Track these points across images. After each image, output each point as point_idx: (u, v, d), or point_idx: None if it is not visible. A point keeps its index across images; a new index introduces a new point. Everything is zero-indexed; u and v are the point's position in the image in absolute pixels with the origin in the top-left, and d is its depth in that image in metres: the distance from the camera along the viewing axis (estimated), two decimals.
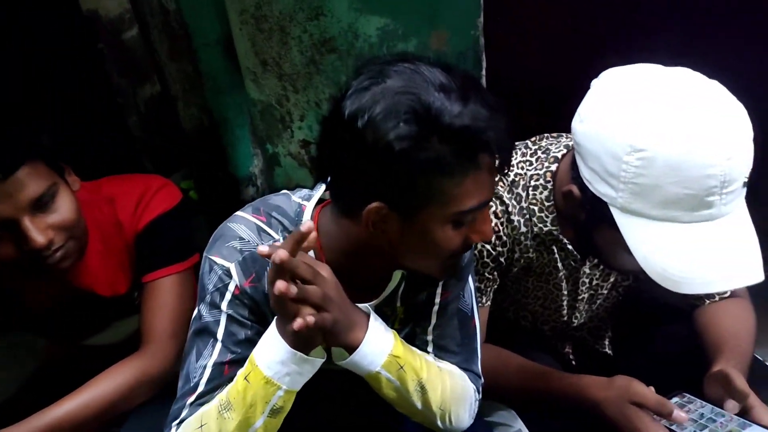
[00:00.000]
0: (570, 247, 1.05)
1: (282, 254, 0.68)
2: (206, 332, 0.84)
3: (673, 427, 0.87)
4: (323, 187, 0.89)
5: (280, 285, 0.68)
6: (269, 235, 0.86)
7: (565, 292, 1.12)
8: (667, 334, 1.16)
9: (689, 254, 0.77)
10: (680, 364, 0.97)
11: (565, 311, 1.15)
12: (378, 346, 0.81)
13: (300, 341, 0.75)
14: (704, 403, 0.91)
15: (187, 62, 1.36)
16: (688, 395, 0.94)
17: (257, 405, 0.77)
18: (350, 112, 0.70)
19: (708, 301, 1.09)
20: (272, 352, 0.76)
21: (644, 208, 0.79)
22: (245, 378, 0.78)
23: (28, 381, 1.34)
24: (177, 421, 0.83)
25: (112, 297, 1.14)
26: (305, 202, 0.89)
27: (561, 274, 1.10)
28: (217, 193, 1.48)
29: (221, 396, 0.80)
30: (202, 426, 0.80)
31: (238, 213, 0.89)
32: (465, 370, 0.95)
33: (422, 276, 0.88)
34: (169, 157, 1.50)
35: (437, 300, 0.95)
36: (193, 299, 0.93)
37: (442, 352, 0.95)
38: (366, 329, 0.80)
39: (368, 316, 0.82)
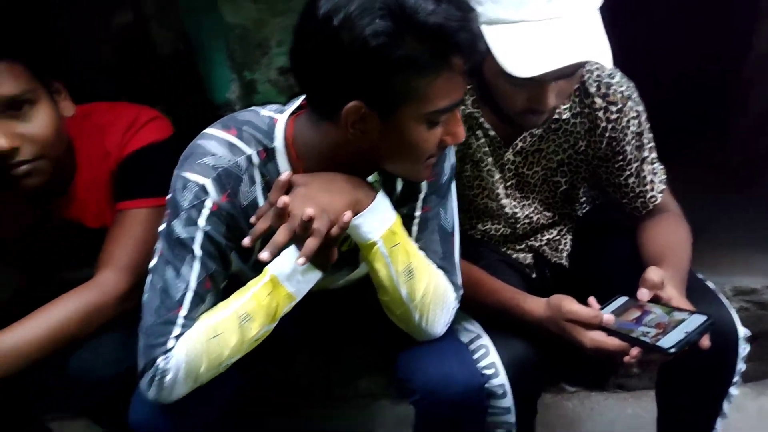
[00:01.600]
0: (492, 132, 1.13)
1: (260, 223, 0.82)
2: (182, 247, 0.85)
3: (615, 329, 0.94)
4: (297, 102, 0.90)
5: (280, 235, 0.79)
6: (241, 150, 0.87)
7: (497, 177, 1.19)
8: (614, 248, 1.25)
9: (536, 45, 0.89)
10: (626, 274, 1.04)
11: (503, 200, 1.22)
12: (380, 218, 0.87)
13: (324, 261, 0.85)
14: (638, 302, 0.98)
15: None
16: (626, 297, 1.01)
17: (276, 314, 0.86)
18: (325, 11, 0.72)
19: (644, 211, 1.20)
20: (296, 272, 0.84)
21: (501, 13, 0.91)
22: (269, 294, 0.85)
23: None
24: (173, 335, 0.83)
25: (100, 228, 1.11)
26: (277, 115, 0.90)
27: (489, 159, 1.17)
28: (194, 120, 1.46)
29: (237, 309, 0.85)
30: (217, 336, 0.84)
31: (207, 130, 0.89)
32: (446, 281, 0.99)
33: (395, 180, 0.93)
34: (146, 89, 1.45)
35: (417, 213, 0.98)
36: None
37: None
38: (372, 200, 0.86)
39: (377, 191, 0.88)
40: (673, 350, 0.86)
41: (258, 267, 0.86)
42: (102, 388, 1.00)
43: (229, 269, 0.92)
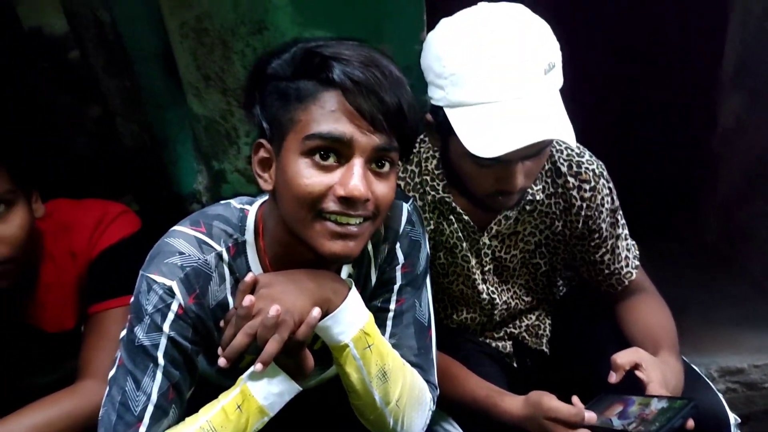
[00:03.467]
0: (466, 217, 1.12)
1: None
2: (144, 355, 0.79)
3: (597, 425, 0.90)
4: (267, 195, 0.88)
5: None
6: (210, 246, 0.84)
7: (473, 263, 1.16)
8: (596, 332, 1.22)
9: (498, 126, 0.89)
10: (609, 360, 1.00)
11: (480, 286, 1.18)
12: (351, 318, 0.82)
13: (298, 370, 0.81)
14: (623, 396, 0.95)
15: (126, 77, 1.32)
16: (612, 394, 0.98)
17: (246, 430, 0.80)
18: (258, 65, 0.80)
19: (619, 287, 1.19)
20: (269, 383, 0.80)
21: (463, 96, 0.91)
22: (238, 407, 0.79)
23: None
24: None
25: (58, 333, 1.07)
26: (247, 206, 0.88)
27: (464, 245, 1.15)
28: (161, 212, 1.44)
29: (203, 425, 0.79)
30: None
31: (175, 228, 0.86)
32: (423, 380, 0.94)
33: (371, 270, 0.91)
34: (115, 178, 1.45)
35: (392, 306, 0.94)
36: None
37: None
38: (343, 298, 0.81)
39: (349, 288, 0.83)
40: None
41: (226, 372, 0.81)
42: None
43: (196, 374, 0.86)
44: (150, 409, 0.79)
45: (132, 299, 0.82)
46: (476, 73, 0.89)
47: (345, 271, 0.91)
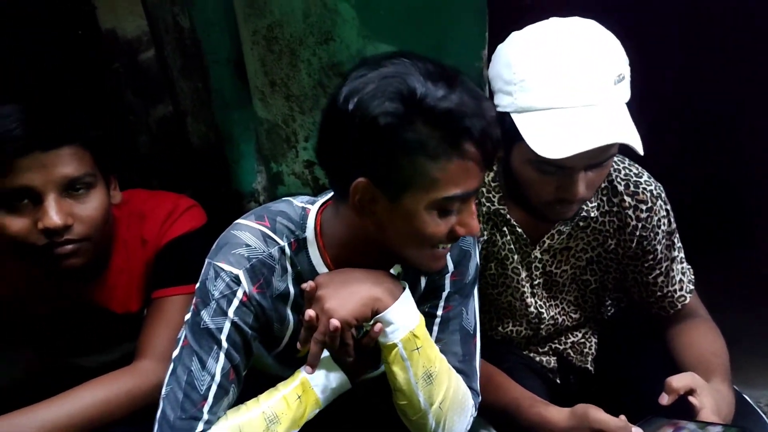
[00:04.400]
0: (520, 230, 1.12)
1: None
2: (209, 338, 0.84)
3: None
4: (328, 195, 0.92)
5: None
6: (274, 240, 0.88)
7: (523, 276, 1.16)
8: (643, 352, 1.20)
9: (565, 130, 0.90)
10: (656, 381, 0.98)
11: (529, 299, 1.18)
12: (402, 319, 0.84)
13: (355, 368, 0.88)
14: (672, 420, 0.93)
15: (198, 79, 1.40)
16: (662, 417, 0.95)
17: (302, 419, 0.86)
18: (344, 95, 0.75)
19: (672, 311, 1.17)
20: (327, 377, 0.87)
21: (532, 101, 0.92)
22: (298, 397, 0.86)
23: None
24: (197, 431, 0.82)
25: (123, 314, 1.12)
26: (309, 206, 0.92)
27: (515, 257, 1.15)
28: (221, 208, 1.50)
29: (265, 410, 0.85)
30: None
31: (241, 221, 0.90)
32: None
33: (417, 270, 0.92)
34: (175, 176, 1.52)
35: (439, 312, 0.96)
36: None
37: None
38: (395, 298, 0.84)
39: (403, 288, 0.86)
40: None
41: (279, 359, 0.87)
42: None
43: (251, 359, 0.91)
44: (214, 388, 0.83)
45: (198, 285, 0.87)
46: (547, 78, 0.90)
47: (392, 271, 0.93)
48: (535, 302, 1.20)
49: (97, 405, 0.96)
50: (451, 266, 0.96)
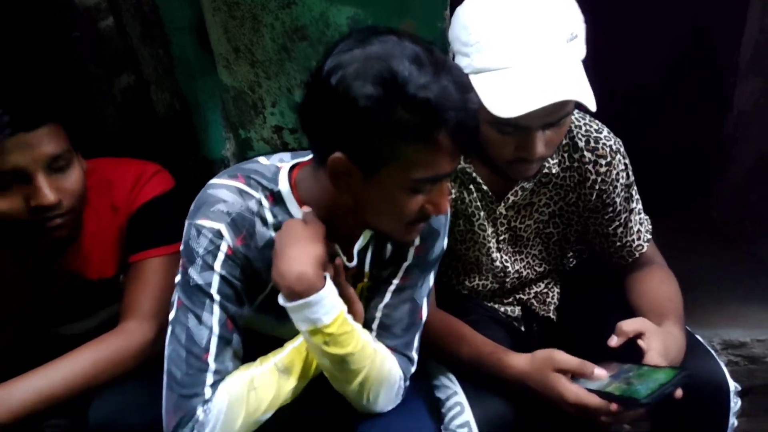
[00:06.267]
0: (485, 187, 1.16)
1: None
2: (200, 293, 0.86)
3: (590, 387, 0.94)
4: (301, 157, 0.94)
5: None
6: (250, 194, 0.90)
7: (489, 232, 1.21)
8: (603, 301, 1.26)
9: (520, 88, 0.92)
10: (614, 329, 1.04)
11: (494, 254, 1.23)
12: (323, 310, 0.83)
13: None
14: (620, 364, 0.98)
15: (160, 47, 1.38)
16: (610, 363, 1.01)
17: (311, 370, 0.91)
18: (328, 69, 0.76)
19: (630, 260, 1.23)
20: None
21: (487, 62, 0.94)
22: (306, 349, 0.90)
23: None
24: (208, 384, 0.84)
25: (98, 280, 1.14)
26: (280, 163, 0.94)
27: (481, 214, 1.19)
28: (190, 178, 1.50)
29: (276, 363, 0.89)
30: (256, 388, 0.87)
31: (214, 180, 0.92)
32: (401, 353, 0.98)
33: (387, 237, 0.95)
34: (142, 146, 1.51)
35: (395, 281, 1.00)
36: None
37: (385, 331, 0.99)
38: (317, 291, 0.82)
39: (322, 285, 0.83)
40: (645, 401, 0.85)
41: (262, 308, 0.91)
42: None
43: (244, 309, 0.92)
44: (214, 339, 0.86)
45: (182, 247, 0.89)
46: (500, 38, 0.92)
47: (365, 236, 0.96)
48: (501, 257, 1.24)
49: (89, 368, 1.00)
50: (417, 240, 0.99)
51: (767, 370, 1.59)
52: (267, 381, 0.88)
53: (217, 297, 0.86)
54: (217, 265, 0.86)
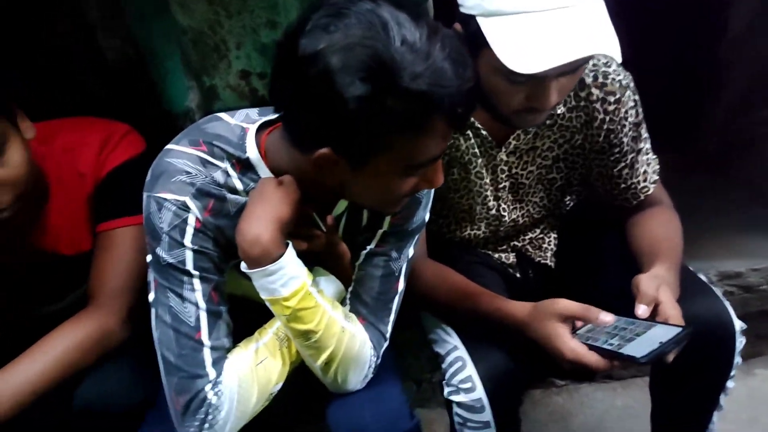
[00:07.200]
0: (484, 132, 1.08)
1: None
2: (175, 271, 0.80)
3: (589, 342, 0.90)
4: (268, 115, 0.86)
5: None
6: (215, 165, 0.82)
7: (487, 180, 1.14)
8: (603, 245, 1.21)
9: (539, 39, 0.82)
10: (616, 273, 1.01)
11: (491, 202, 1.17)
12: (280, 281, 0.80)
13: (342, 272, 0.92)
14: (622, 318, 0.93)
15: None
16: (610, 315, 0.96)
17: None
18: (305, 54, 0.66)
19: (634, 202, 1.15)
20: (326, 284, 0.89)
21: (500, 4, 0.84)
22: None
23: None
24: (208, 363, 0.80)
25: (75, 255, 1.06)
26: (247, 125, 0.85)
27: (479, 161, 1.11)
28: (152, 132, 1.39)
29: (276, 332, 0.87)
30: (263, 361, 0.84)
31: (173, 146, 0.83)
32: (371, 324, 0.93)
33: (363, 211, 0.91)
34: (97, 100, 1.39)
35: (369, 247, 0.94)
36: None
37: (356, 298, 0.94)
38: (277, 260, 0.79)
39: (281, 253, 0.79)
40: (645, 360, 0.82)
41: (238, 270, 0.84)
42: (114, 419, 0.99)
43: (225, 275, 0.87)
44: (203, 315, 0.81)
45: (144, 223, 0.81)
46: None
47: (342, 204, 0.91)
48: (498, 205, 1.17)
49: (65, 352, 0.95)
50: None
51: (761, 297, 1.61)
52: (271, 352, 0.85)
53: (195, 272, 0.81)
54: (187, 241, 0.79)
